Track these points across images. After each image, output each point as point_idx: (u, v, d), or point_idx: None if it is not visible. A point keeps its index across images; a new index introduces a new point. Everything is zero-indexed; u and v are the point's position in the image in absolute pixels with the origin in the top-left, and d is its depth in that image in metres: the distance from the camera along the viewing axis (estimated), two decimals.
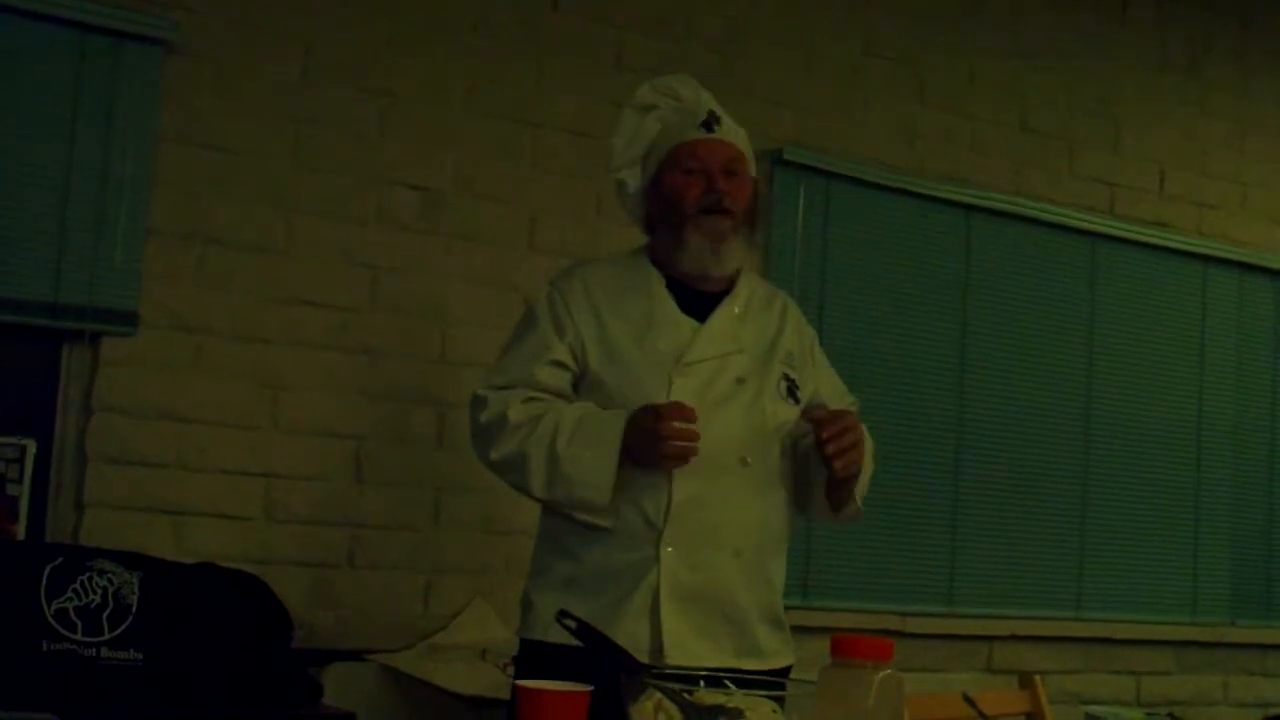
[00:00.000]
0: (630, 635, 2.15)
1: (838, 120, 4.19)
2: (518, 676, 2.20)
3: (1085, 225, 4.60)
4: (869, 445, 2.42)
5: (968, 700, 2.32)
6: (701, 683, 1.46)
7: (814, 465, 2.33)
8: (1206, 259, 4.85)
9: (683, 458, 2.17)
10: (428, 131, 3.56)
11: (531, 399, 2.29)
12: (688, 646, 2.19)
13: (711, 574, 2.24)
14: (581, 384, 2.33)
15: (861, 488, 2.40)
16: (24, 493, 3.07)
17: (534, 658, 2.26)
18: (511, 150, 3.67)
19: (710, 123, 2.37)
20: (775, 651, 2.33)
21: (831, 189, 4.15)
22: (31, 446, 3.10)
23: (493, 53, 3.66)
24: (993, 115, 4.49)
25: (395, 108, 3.53)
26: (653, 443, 2.16)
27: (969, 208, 4.39)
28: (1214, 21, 4.96)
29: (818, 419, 2.25)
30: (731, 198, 2.33)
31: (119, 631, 2.63)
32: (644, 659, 2.12)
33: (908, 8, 4.35)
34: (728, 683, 1.46)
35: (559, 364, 2.31)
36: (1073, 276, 4.60)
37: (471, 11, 3.64)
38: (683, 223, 2.32)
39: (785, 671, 2.31)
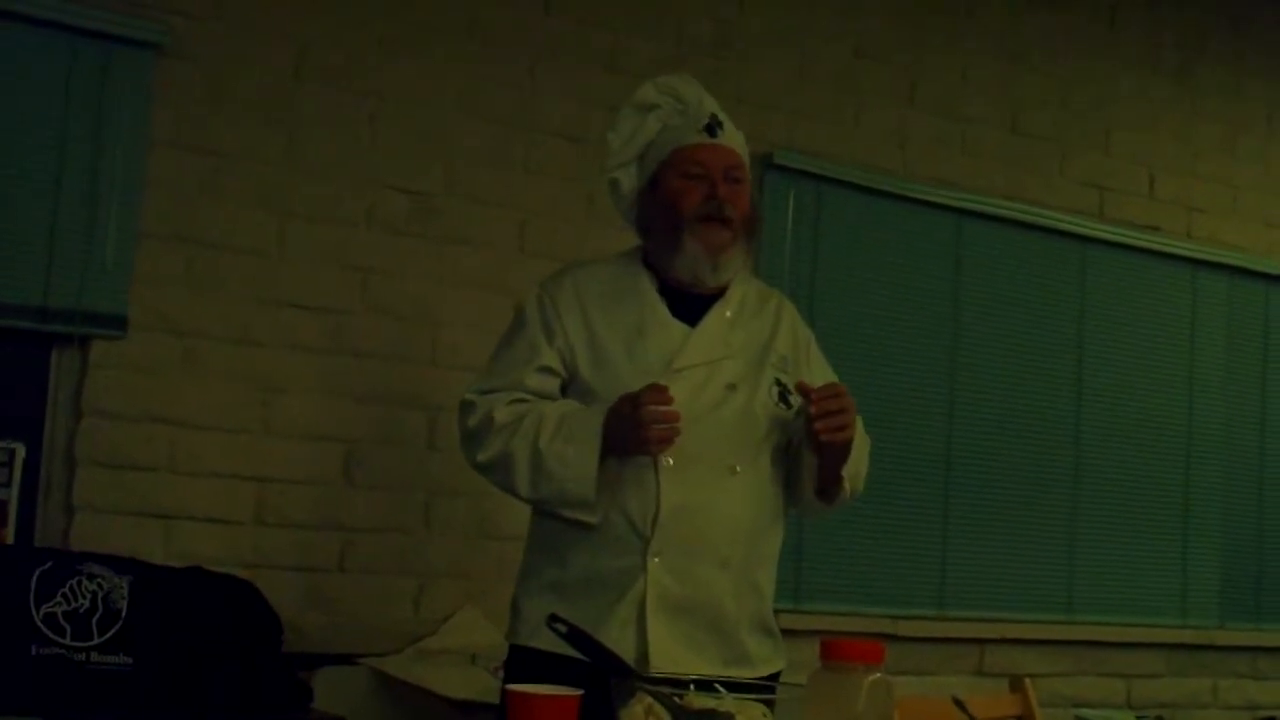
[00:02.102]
0: (615, 643, 2.14)
1: (829, 124, 4.20)
2: (506, 681, 2.20)
3: (1076, 229, 4.60)
4: (866, 441, 2.42)
5: (958, 703, 2.32)
6: (691, 687, 1.46)
7: (805, 452, 2.31)
8: (1197, 262, 4.86)
9: (666, 440, 2.15)
10: (419, 135, 3.56)
11: (517, 400, 2.28)
12: (673, 656, 2.18)
13: (698, 584, 2.22)
14: (571, 389, 2.31)
15: (856, 478, 2.38)
16: (13, 496, 3.06)
17: (521, 663, 2.26)
18: (503, 154, 3.67)
19: (713, 127, 2.35)
20: (765, 659, 2.31)
21: (822, 193, 4.16)
22: (20, 450, 3.09)
23: (485, 56, 3.66)
24: (984, 119, 4.49)
25: (387, 111, 3.53)
26: (634, 429, 2.14)
27: (960, 211, 4.40)
28: (1205, 24, 4.97)
29: (806, 390, 2.21)
30: (732, 206, 2.31)
31: (108, 636, 2.62)
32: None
33: (899, 11, 4.36)
34: (718, 686, 1.46)
35: (547, 369, 2.30)
36: (1064, 279, 4.61)
37: (463, 15, 3.64)
38: (680, 229, 2.29)
39: (774, 677, 2.31)
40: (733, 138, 2.38)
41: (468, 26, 3.65)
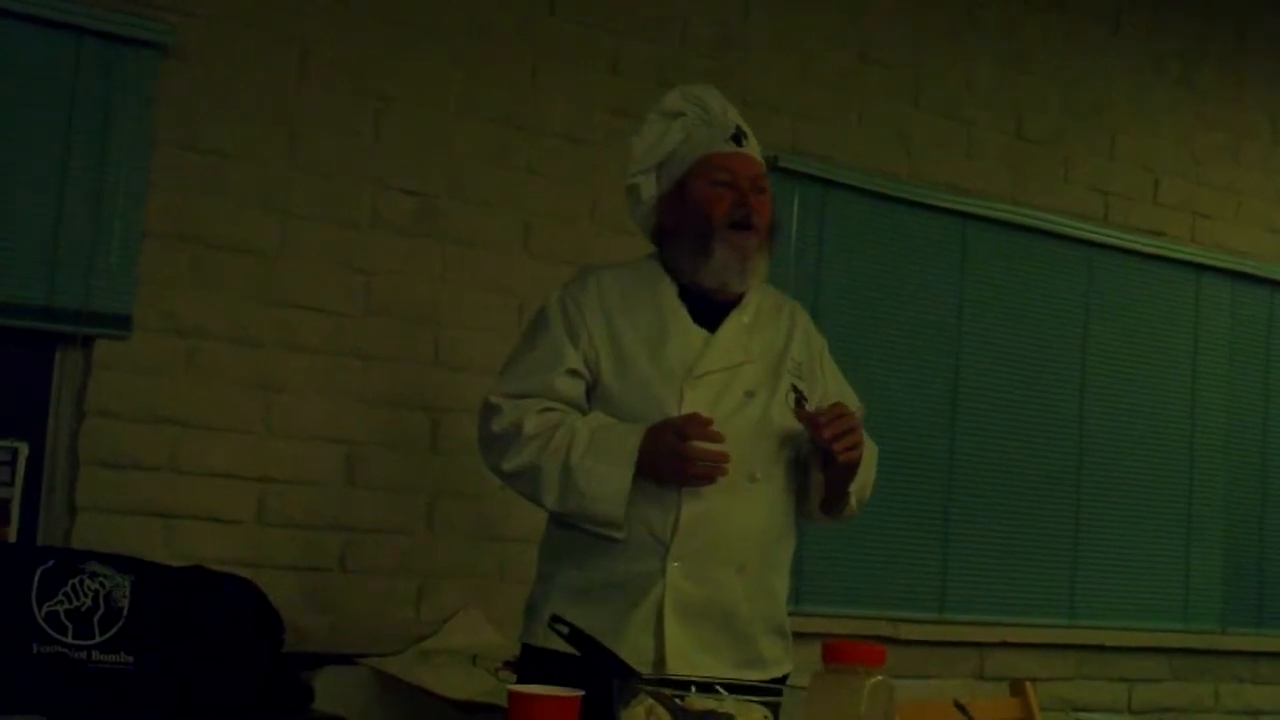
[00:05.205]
0: (634, 647, 2.15)
1: (833, 127, 4.20)
2: (519, 682, 2.20)
3: (1080, 233, 4.60)
4: (873, 450, 2.42)
5: (959, 707, 2.32)
6: (693, 688, 1.46)
7: (812, 469, 2.33)
8: (1200, 267, 4.86)
9: (710, 479, 2.17)
10: (423, 136, 3.56)
11: (547, 409, 2.26)
12: (690, 658, 2.18)
13: (715, 588, 2.23)
14: (592, 393, 2.30)
15: (863, 490, 2.40)
16: (16, 495, 3.07)
17: (536, 664, 2.26)
18: (506, 155, 3.67)
19: (739, 136, 2.37)
20: (776, 660, 2.33)
21: (827, 196, 4.16)
22: (24, 449, 3.09)
23: (488, 57, 3.66)
24: (988, 123, 4.49)
25: (390, 112, 3.53)
26: (679, 463, 2.15)
27: (964, 215, 4.40)
28: (1208, 30, 4.97)
29: (810, 417, 2.23)
30: (759, 214, 2.33)
31: (110, 635, 2.63)
32: (647, 670, 2.12)
33: (904, 15, 4.36)
34: (719, 688, 1.46)
35: (574, 373, 2.29)
36: (1067, 284, 4.61)
37: (467, 16, 3.64)
38: (710, 235, 2.30)
39: (783, 679, 2.32)
40: (755, 149, 2.40)
41: (471, 27, 3.65)
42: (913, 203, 4.30)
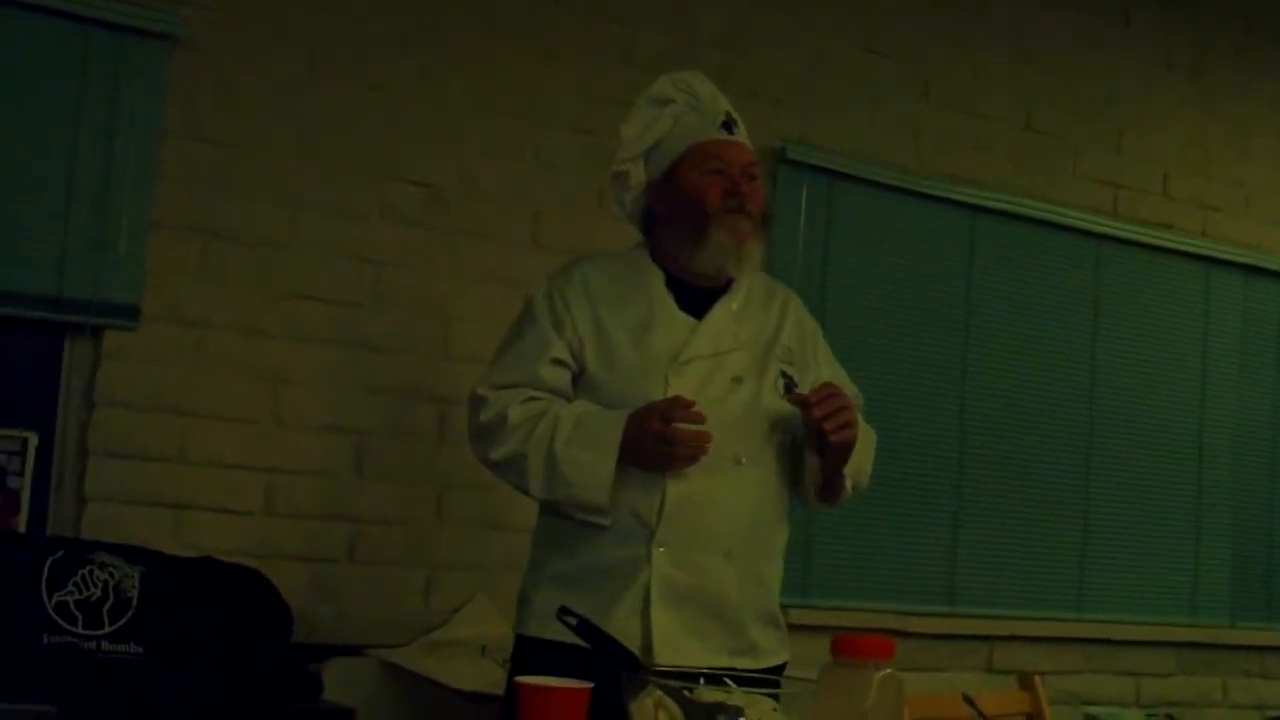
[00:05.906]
0: (621, 632, 2.14)
1: (842, 119, 4.19)
2: (512, 672, 2.20)
3: (1089, 226, 4.59)
4: (871, 437, 2.42)
5: (968, 700, 2.31)
6: (701, 680, 1.46)
7: (807, 454, 2.33)
8: (1210, 261, 4.85)
9: (693, 460, 2.18)
10: (431, 128, 3.56)
11: (531, 399, 2.28)
12: (677, 645, 2.19)
13: (703, 573, 2.24)
14: (578, 382, 2.32)
15: (859, 475, 2.40)
16: (25, 485, 3.07)
17: (528, 653, 2.27)
18: (515, 147, 3.67)
19: (730, 124, 2.37)
20: (770, 650, 2.33)
21: (835, 188, 4.15)
22: (33, 439, 3.10)
23: (497, 49, 3.66)
24: (997, 115, 4.48)
25: (399, 104, 3.53)
26: (662, 446, 2.16)
27: (973, 208, 4.39)
28: (1217, 23, 4.96)
29: (800, 399, 2.24)
30: (752, 201, 2.33)
31: (119, 625, 2.63)
32: None
33: (912, 7, 4.35)
34: (727, 680, 1.46)
35: (559, 362, 2.30)
36: (1076, 277, 4.60)
37: (475, 8, 3.64)
38: (706, 221, 2.30)
39: (780, 669, 2.31)
40: (745, 136, 2.40)
41: (480, 20, 3.64)
42: (922, 195, 4.29)
